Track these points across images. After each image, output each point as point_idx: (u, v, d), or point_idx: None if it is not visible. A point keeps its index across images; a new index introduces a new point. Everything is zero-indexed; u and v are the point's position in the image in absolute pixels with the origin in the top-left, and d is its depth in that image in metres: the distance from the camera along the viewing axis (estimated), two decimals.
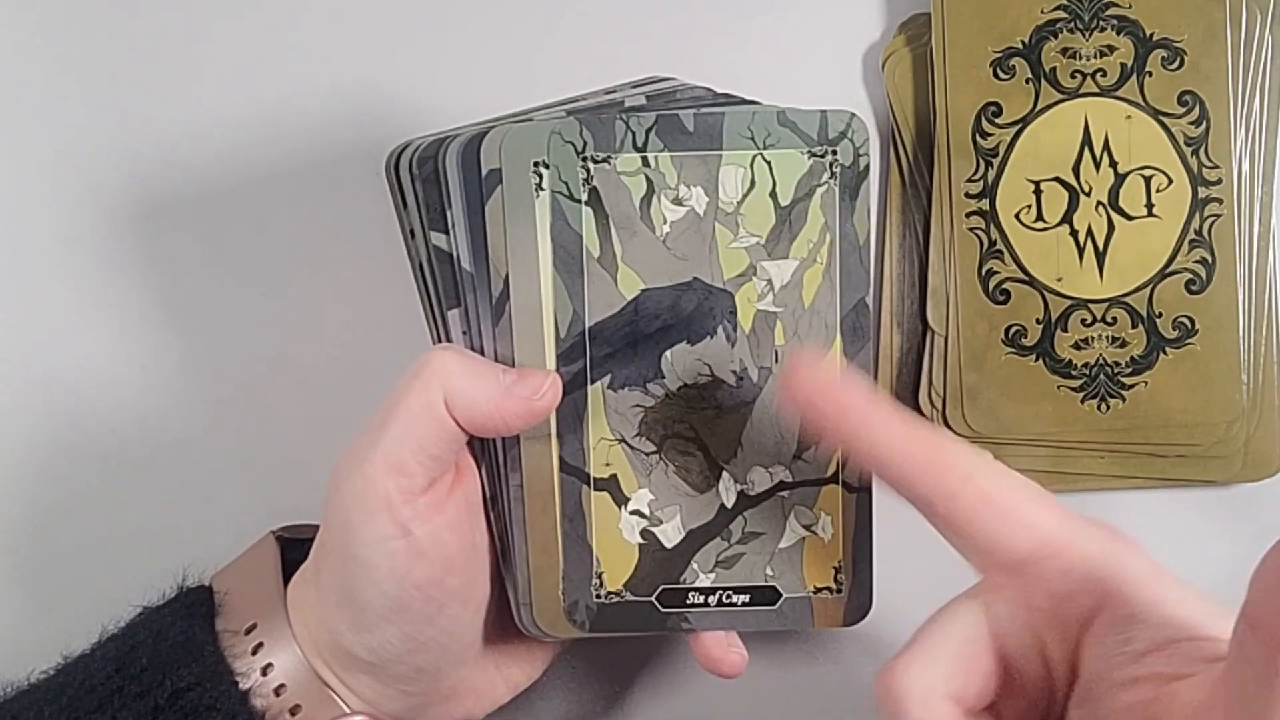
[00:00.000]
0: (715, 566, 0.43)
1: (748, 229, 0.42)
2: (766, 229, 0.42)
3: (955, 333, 0.50)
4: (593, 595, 0.43)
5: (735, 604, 0.43)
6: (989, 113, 0.49)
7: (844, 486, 0.43)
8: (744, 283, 0.42)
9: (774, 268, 0.42)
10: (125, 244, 0.52)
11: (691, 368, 0.43)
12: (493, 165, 0.41)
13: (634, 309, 0.42)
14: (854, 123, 0.42)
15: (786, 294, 0.42)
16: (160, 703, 0.41)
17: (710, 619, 0.43)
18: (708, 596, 0.43)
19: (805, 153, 0.42)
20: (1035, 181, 0.49)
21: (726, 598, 0.43)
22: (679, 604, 0.43)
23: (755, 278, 0.42)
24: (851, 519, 0.43)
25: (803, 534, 0.43)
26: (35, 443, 0.52)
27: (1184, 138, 0.49)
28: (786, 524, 0.43)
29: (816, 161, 0.42)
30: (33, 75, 0.53)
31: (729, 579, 0.43)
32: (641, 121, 0.41)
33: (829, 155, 0.42)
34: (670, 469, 0.43)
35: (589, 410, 0.42)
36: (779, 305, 0.43)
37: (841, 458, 0.43)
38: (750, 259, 0.42)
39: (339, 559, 0.41)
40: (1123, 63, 0.49)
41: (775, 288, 0.42)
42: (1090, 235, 0.49)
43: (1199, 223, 0.49)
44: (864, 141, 0.42)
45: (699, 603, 0.43)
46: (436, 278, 0.42)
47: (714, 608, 0.43)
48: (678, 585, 0.43)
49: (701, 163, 0.42)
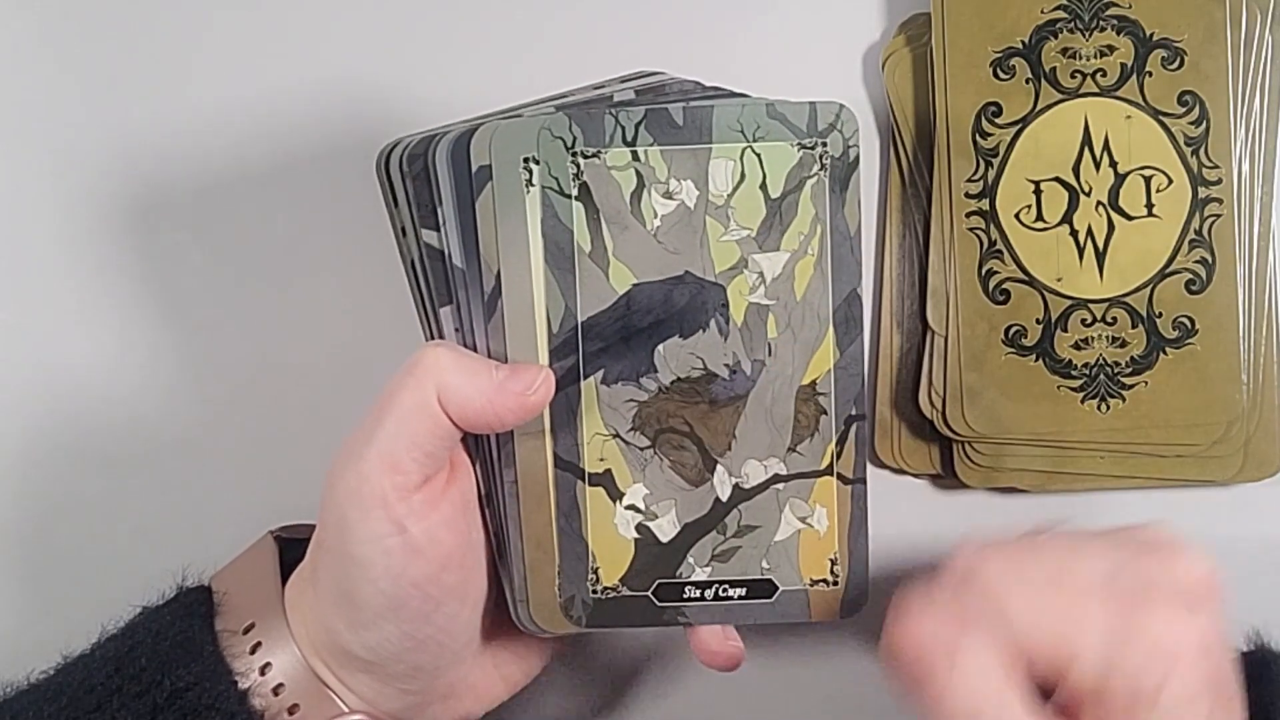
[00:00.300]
0: (711, 560, 0.43)
1: (738, 222, 0.42)
2: (757, 221, 0.42)
3: (955, 333, 0.50)
4: (589, 590, 0.43)
5: (732, 597, 0.43)
6: (989, 113, 0.49)
7: (838, 479, 0.43)
8: (735, 276, 0.42)
9: (765, 260, 0.42)
10: (115, 241, 0.53)
11: (684, 361, 0.43)
12: (483, 162, 0.41)
13: (626, 303, 0.42)
14: (843, 114, 0.42)
15: (778, 286, 0.42)
16: (159, 702, 0.41)
17: (707, 613, 0.43)
18: (704, 590, 0.43)
19: (795, 144, 0.42)
20: (1035, 181, 0.49)
21: (723, 591, 0.43)
22: (675, 598, 0.43)
23: (747, 270, 0.42)
24: (846, 511, 0.43)
25: (798, 526, 0.43)
26: (35, 443, 0.52)
27: (1184, 138, 0.49)
28: (782, 517, 0.43)
29: (806, 153, 0.42)
30: (32, 75, 0.53)
31: (725, 572, 0.43)
32: (631, 116, 0.41)
33: (819, 147, 0.42)
34: (664, 463, 0.43)
35: (582, 406, 0.42)
36: (771, 298, 0.43)
37: (835, 450, 0.43)
38: (741, 252, 0.42)
39: (335, 557, 0.41)
40: (1123, 63, 0.49)
41: (767, 280, 0.42)
42: (1090, 235, 0.49)
43: (1199, 223, 0.49)
44: (854, 133, 0.42)
45: (695, 596, 0.43)
46: (428, 275, 0.42)
47: (710, 601, 0.43)
48: (674, 579, 0.43)
49: (691, 156, 0.42)
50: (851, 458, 0.43)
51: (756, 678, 0.51)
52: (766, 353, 0.43)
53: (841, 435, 0.43)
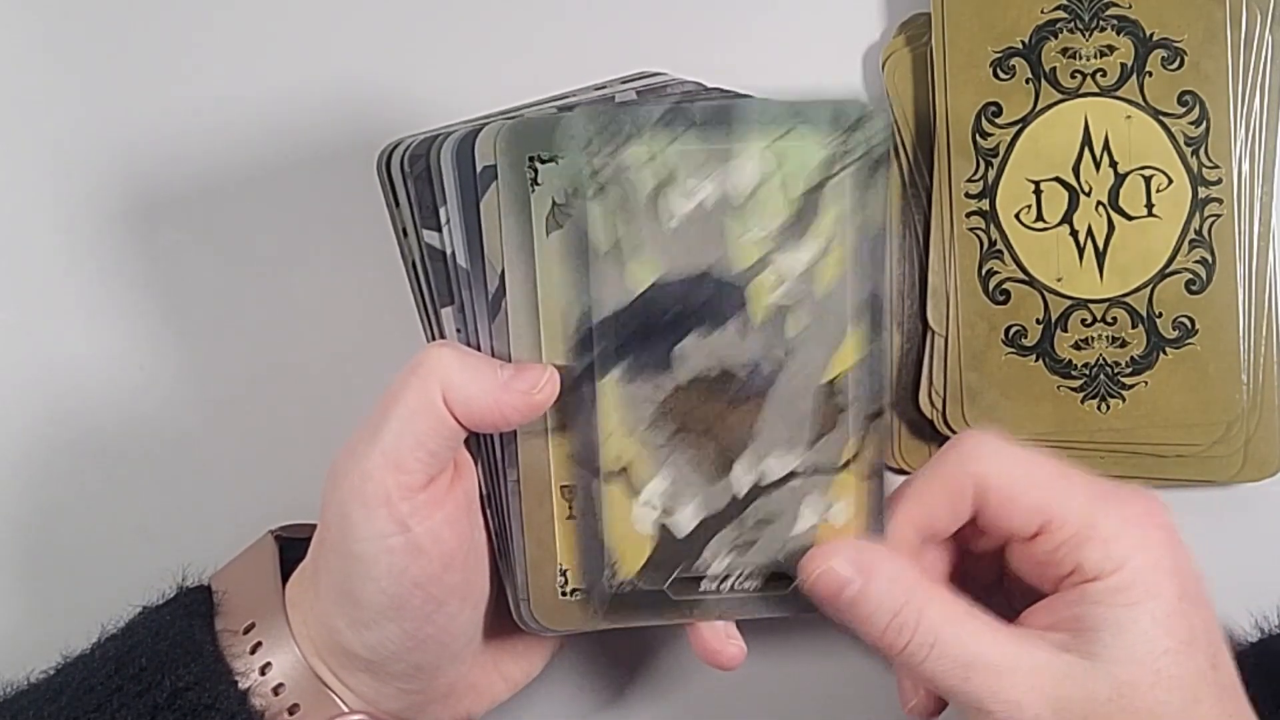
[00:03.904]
0: (728, 553, 0.43)
1: (759, 221, 0.42)
2: (778, 221, 0.42)
3: (955, 333, 0.50)
4: (606, 586, 0.43)
5: (748, 589, 0.43)
6: (989, 113, 0.49)
7: (857, 475, 0.43)
8: (756, 275, 0.42)
9: (786, 259, 0.42)
10: (115, 241, 0.53)
11: (703, 360, 0.42)
12: (488, 161, 0.41)
13: (644, 302, 0.42)
14: (869, 112, 0.42)
15: (799, 285, 0.42)
16: (159, 702, 0.41)
17: (723, 605, 0.43)
18: (720, 583, 0.43)
19: (818, 143, 0.42)
20: (1035, 181, 0.49)
21: (739, 584, 0.43)
22: (692, 592, 0.43)
23: (767, 270, 0.42)
24: (865, 506, 0.43)
25: (815, 521, 0.43)
26: (35, 442, 0.52)
27: (1184, 138, 0.49)
28: (799, 511, 0.43)
29: (829, 152, 0.42)
30: (32, 75, 0.53)
31: (741, 566, 0.43)
32: (650, 114, 0.41)
33: (843, 145, 0.42)
34: (682, 460, 0.43)
35: (599, 404, 0.42)
36: (791, 297, 0.42)
37: (855, 446, 0.43)
38: (761, 251, 0.42)
39: (337, 556, 0.41)
40: (1123, 63, 0.49)
41: (787, 279, 0.42)
42: (1090, 235, 0.49)
43: (1199, 222, 0.49)
44: (879, 130, 0.41)
45: (711, 590, 0.43)
46: (430, 275, 0.42)
47: (726, 594, 0.43)
48: (690, 574, 0.43)
49: (711, 155, 0.41)
50: (871, 454, 0.43)
51: (756, 677, 0.51)
52: (785, 351, 0.42)
53: (862, 432, 0.43)
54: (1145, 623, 0.39)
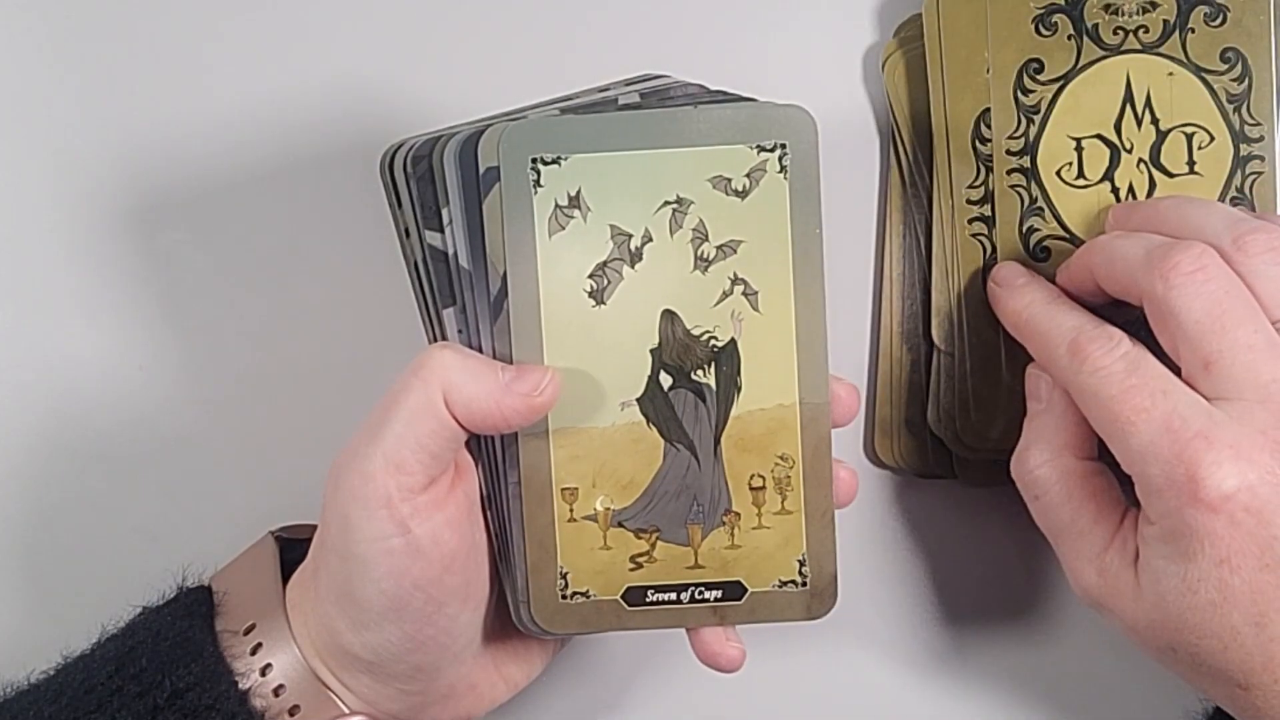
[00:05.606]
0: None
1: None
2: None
3: (961, 348, 0.49)
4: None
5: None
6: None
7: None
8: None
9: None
10: (115, 241, 0.52)
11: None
12: (491, 163, 0.41)
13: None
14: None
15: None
16: (159, 703, 0.41)
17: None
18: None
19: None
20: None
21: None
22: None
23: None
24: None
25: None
26: (35, 442, 0.52)
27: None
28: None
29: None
30: (32, 75, 0.53)
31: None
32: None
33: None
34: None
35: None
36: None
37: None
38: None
39: (338, 557, 0.41)
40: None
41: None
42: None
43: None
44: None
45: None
46: (431, 276, 0.42)
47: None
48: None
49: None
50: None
51: (756, 677, 0.51)
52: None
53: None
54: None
